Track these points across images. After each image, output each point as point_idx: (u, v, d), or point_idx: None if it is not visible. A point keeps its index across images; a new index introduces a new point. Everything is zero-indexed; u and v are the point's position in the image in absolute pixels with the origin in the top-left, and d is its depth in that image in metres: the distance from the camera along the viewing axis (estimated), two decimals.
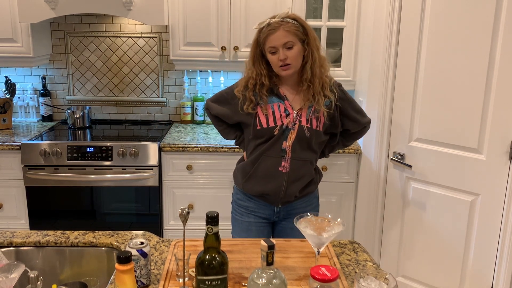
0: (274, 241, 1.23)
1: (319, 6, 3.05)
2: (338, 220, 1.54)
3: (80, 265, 1.74)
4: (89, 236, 1.78)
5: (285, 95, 2.01)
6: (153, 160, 2.94)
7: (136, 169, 2.95)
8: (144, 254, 1.43)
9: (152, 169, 2.95)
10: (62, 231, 1.80)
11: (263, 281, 1.22)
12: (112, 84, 3.52)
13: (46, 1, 2.84)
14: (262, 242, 1.21)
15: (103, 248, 1.74)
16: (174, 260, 1.56)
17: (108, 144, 2.93)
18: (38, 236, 1.76)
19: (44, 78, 3.45)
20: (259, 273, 1.24)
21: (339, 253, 1.70)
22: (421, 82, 2.54)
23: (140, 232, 1.84)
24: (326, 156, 2.23)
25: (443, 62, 2.44)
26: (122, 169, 2.94)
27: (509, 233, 2.38)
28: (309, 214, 1.57)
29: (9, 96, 3.35)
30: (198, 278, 1.30)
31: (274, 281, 1.22)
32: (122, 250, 1.63)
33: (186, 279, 1.46)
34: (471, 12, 2.31)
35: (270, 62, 1.97)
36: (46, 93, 3.46)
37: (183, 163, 2.98)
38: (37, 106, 3.51)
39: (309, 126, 1.99)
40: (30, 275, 1.36)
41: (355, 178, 3.03)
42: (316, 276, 1.26)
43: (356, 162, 3.01)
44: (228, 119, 2.14)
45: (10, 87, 3.34)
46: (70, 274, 1.73)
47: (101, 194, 3.02)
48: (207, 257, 1.29)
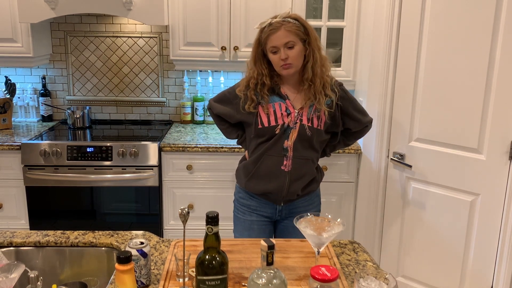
0: (274, 241, 1.23)
1: (319, 6, 3.05)
2: (338, 220, 1.55)
3: (80, 265, 1.74)
4: (89, 236, 1.78)
5: (286, 95, 2.02)
6: (153, 160, 2.94)
7: (136, 169, 2.95)
8: (144, 254, 1.43)
9: (152, 169, 2.95)
10: (62, 231, 1.80)
11: (263, 281, 1.22)
12: (112, 84, 3.52)
13: (46, 1, 2.84)
14: (262, 242, 1.21)
15: (103, 248, 1.74)
16: (174, 260, 1.56)
17: (108, 144, 2.93)
18: (38, 236, 1.76)
19: (44, 78, 3.45)
20: (259, 273, 1.24)
21: (339, 253, 1.70)
22: (421, 82, 2.54)
23: (140, 232, 1.84)
24: (328, 155, 2.25)
25: (443, 62, 2.44)
26: (122, 169, 2.94)
27: (509, 233, 2.38)
28: (309, 214, 1.57)
29: (9, 96, 3.34)
30: (198, 278, 1.30)
31: (274, 281, 1.22)
32: (122, 250, 1.63)
33: (186, 279, 1.46)
34: (471, 12, 2.31)
35: (271, 61, 1.98)
36: (46, 93, 3.46)
37: (183, 163, 2.98)
38: (37, 106, 3.51)
39: (310, 125, 2.00)
40: (30, 275, 1.36)
41: (355, 178, 3.03)
42: (316, 276, 1.26)
43: (356, 162, 3.01)
44: (230, 119, 2.16)
45: (10, 87, 3.34)
46: (70, 274, 1.73)
47: (101, 194, 3.02)
48: (207, 257, 1.29)
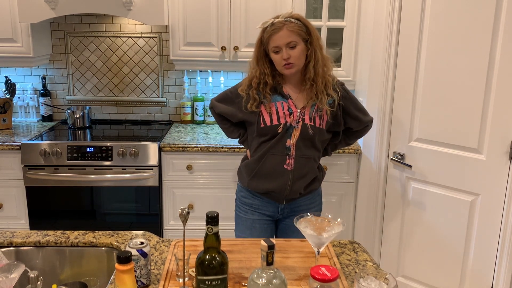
0: (274, 241, 1.23)
1: (319, 6, 3.05)
2: (338, 220, 1.55)
3: (80, 265, 1.74)
4: (89, 236, 1.78)
5: (288, 94, 2.03)
6: (153, 160, 2.94)
7: (136, 169, 2.95)
8: (144, 254, 1.43)
9: (152, 169, 2.95)
10: (62, 231, 1.80)
11: (263, 281, 1.22)
12: (112, 84, 3.52)
13: (46, 1, 2.84)
14: (262, 242, 1.21)
15: (103, 248, 1.74)
16: (174, 260, 1.56)
17: (108, 144, 2.93)
18: (38, 236, 1.76)
19: (44, 78, 3.44)
20: (259, 273, 1.24)
21: (339, 253, 1.70)
22: (421, 81, 2.54)
23: (140, 232, 1.84)
24: (329, 154, 2.26)
25: (443, 62, 2.44)
26: (122, 169, 2.94)
27: (509, 233, 2.38)
28: (309, 214, 1.57)
29: (9, 96, 3.34)
30: (198, 278, 1.30)
31: (274, 281, 1.22)
32: (122, 250, 1.63)
33: (186, 279, 1.46)
34: (471, 12, 2.31)
35: (273, 61, 2.00)
36: (46, 93, 3.46)
37: (183, 163, 2.98)
38: (37, 106, 3.51)
39: (312, 124, 2.01)
40: (30, 275, 1.36)
41: (355, 178, 3.03)
42: (316, 276, 1.26)
43: (356, 162, 3.01)
44: (232, 118, 2.16)
45: (10, 87, 3.34)
46: (70, 274, 1.73)
47: (101, 194, 3.02)
48: (207, 257, 1.29)
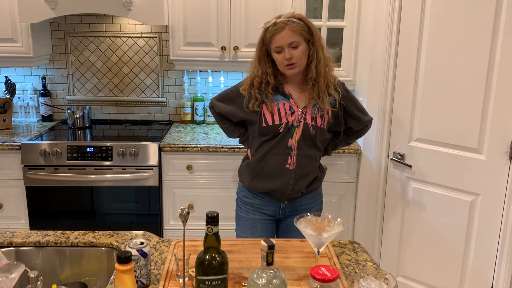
0: (274, 241, 1.23)
1: (319, 6, 3.05)
2: (338, 220, 1.55)
3: (80, 265, 1.74)
4: (89, 236, 1.77)
5: (290, 94, 2.03)
6: (153, 160, 2.94)
7: (136, 169, 2.95)
8: (144, 254, 1.43)
9: (152, 169, 2.95)
10: (62, 231, 1.80)
11: (263, 281, 1.22)
12: (112, 84, 3.52)
13: (46, 1, 2.84)
14: (262, 242, 1.21)
15: (103, 248, 1.74)
16: (174, 260, 1.56)
17: (108, 144, 2.93)
18: (38, 236, 1.76)
19: (44, 78, 3.44)
20: (259, 273, 1.24)
21: (339, 253, 1.70)
22: (421, 82, 2.54)
23: (140, 232, 1.84)
24: (329, 154, 2.26)
25: (443, 62, 2.44)
26: (122, 169, 2.94)
27: (509, 233, 2.38)
28: (309, 214, 1.57)
29: (9, 96, 3.34)
30: (198, 278, 1.30)
31: (274, 281, 1.22)
32: (122, 250, 1.63)
33: (186, 279, 1.46)
34: (471, 12, 2.31)
35: (275, 61, 2.00)
36: (46, 93, 3.46)
37: (183, 163, 2.98)
38: (37, 106, 3.51)
39: (314, 124, 2.02)
40: (30, 275, 1.36)
41: (355, 178, 3.03)
42: (316, 276, 1.26)
43: (356, 162, 3.01)
44: (233, 117, 2.16)
45: (10, 87, 3.34)
46: (70, 274, 1.73)
47: (101, 194, 3.02)
48: (207, 257, 1.29)
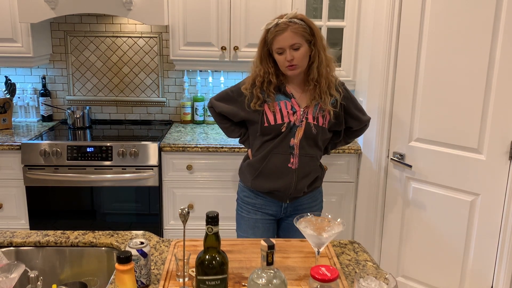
0: (274, 241, 1.23)
1: (319, 6, 3.05)
2: (338, 220, 1.55)
3: (80, 265, 1.74)
4: (89, 236, 1.77)
5: (291, 93, 2.04)
6: (153, 160, 2.94)
7: (136, 169, 2.95)
8: (144, 254, 1.43)
9: (152, 169, 2.95)
10: (62, 231, 1.80)
11: (263, 281, 1.22)
12: (112, 84, 3.52)
13: (46, 1, 2.84)
14: (262, 242, 1.21)
15: (103, 248, 1.74)
16: (174, 260, 1.56)
17: (108, 144, 2.93)
18: (38, 236, 1.76)
19: (44, 78, 3.44)
20: (259, 273, 1.24)
21: (339, 253, 1.70)
22: (421, 81, 2.54)
23: (140, 232, 1.84)
24: (328, 153, 2.28)
25: (443, 62, 2.44)
26: (122, 169, 2.94)
27: (509, 233, 2.38)
28: (309, 214, 1.57)
29: (9, 96, 3.34)
30: (198, 278, 1.30)
31: (274, 281, 1.22)
32: (122, 250, 1.63)
33: (186, 279, 1.46)
34: (471, 12, 2.31)
35: (277, 61, 2.00)
36: (46, 93, 3.46)
37: (183, 163, 2.98)
38: (37, 106, 3.51)
39: (315, 123, 2.03)
40: (30, 275, 1.36)
41: (355, 178, 3.03)
42: (316, 276, 1.26)
43: (356, 162, 3.01)
44: (233, 117, 2.16)
45: (10, 87, 3.34)
46: (70, 274, 1.73)
47: (101, 194, 3.02)
48: (207, 257, 1.29)
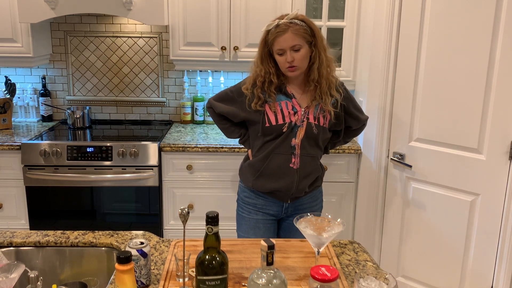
0: (274, 241, 1.23)
1: (319, 6, 3.05)
2: (338, 220, 1.55)
3: (80, 265, 1.74)
4: (89, 236, 1.77)
5: (292, 93, 2.04)
6: (153, 160, 2.94)
7: (136, 169, 2.95)
8: (144, 254, 1.43)
9: (152, 169, 2.95)
10: (62, 231, 1.80)
11: (263, 281, 1.22)
12: (112, 84, 3.52)
13: (46, 1, 2.84)
14: (262, 242, 1.21)
15: (103, 248, 1.74)
16: (174, 260, 1.56)
17: (108, 144, 2.93)
18: (38, 236, 1.76)
19: (44, 78, 3.44)
20: (259, 273, 1.24)
21: (339, 253, 1.70)
22: (421, 81, 2.54)
23: (140, 232, 1.84)
24: (328, 152, 2.28)
25: (443, 62, 2.44)
26: (122, 169, 2.94)
27: (509, 233, 2.38)
28: (309, 214, 1.57)
29: (9, 96, 3.34)
30: (198, 278, 1.30)
31: (274, 281, 1.22)
32: (122, 250, 1.63)
33: (186, 279, 1.46)
34: (471, 12, 2.31)
35: (277, 62, 2.00)
36: (46, 93, 3.46)
37: (183, 163, 2.98)
38: (37, 106, 3.51)
39: (316, 123, 2.03)
40: (30, 275, 1.36)
41: (355, 178, 3.03)
42: (316, 276, 1.26)
43: (356, 162, 3.01)
44: (233, 118, 2.16)
45: (10, 87, 3.34)
46: (70, 274, 1.73)
47: (101, 194, 3.02)
48: (207, 257, 1.29)
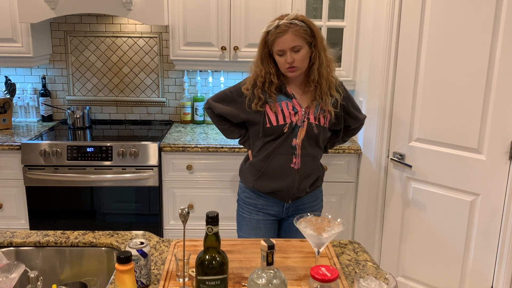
0: (274, 241, 1.23)
1: (319, 6, 3.05)
2: (338, 220, 1.55)
3: (80, 265, 1.74)
4: (89, 236, 1.77)
5: (292, 94, 2.04)
6: (153, 160, 2.94)
7: (136, 169, 2.95)
8: (144, 254, 1.43)
9: (152, 169, 2.95)
10: (62, 231, 1.80)
11: (263, 281, 1.22)
12: (112, 84, 3.52)
13: (46, 1, 2.84)
14: (262, 242, 1.21)
15: (103, 248, 1.74)
16: (174, 260, 1.56)
17: (108, 144, 2.93)
18: (38, 236, 1.76)
19: (44, 78, 3.44)
20: (259, 273, 1.24)
21: (339, 253, 1.70)
22: (421, 82, 2.54)
23: (140, 232, 1.84)
24: (327, 152, 2.28)
25: (443, 62, 2.44)
26: (122, 169, 2.94)
27: (509, 233, 2.38)
28: (309, 214, 1.57)
29: (9, 96, 3.34)
30: (198, 278, 1.30)
31: (274, 281, 1.22)
32: (122, 250, 1.63)
33: (186, 279, 1.46)
34: (471, 12, 2.31)
35: (277, 63, 2.00)
36: (46, 93, 3.46)
37: (183, 163, 2.98)
38: (37, 106, 3.51)
39: (317, 123, 2.03)
40: (30, 275, 1.36)
41: (355, 178, 3.03)
42: (316, 276, 1.26)
43: (356, 162, 3.01)
44: (233, 118, 2.15)
45: (10, 87, 3.34)
46: (70, 274, 1.73)
47: (101, 194, 3.02)
48: (207, 257, 1.29)
